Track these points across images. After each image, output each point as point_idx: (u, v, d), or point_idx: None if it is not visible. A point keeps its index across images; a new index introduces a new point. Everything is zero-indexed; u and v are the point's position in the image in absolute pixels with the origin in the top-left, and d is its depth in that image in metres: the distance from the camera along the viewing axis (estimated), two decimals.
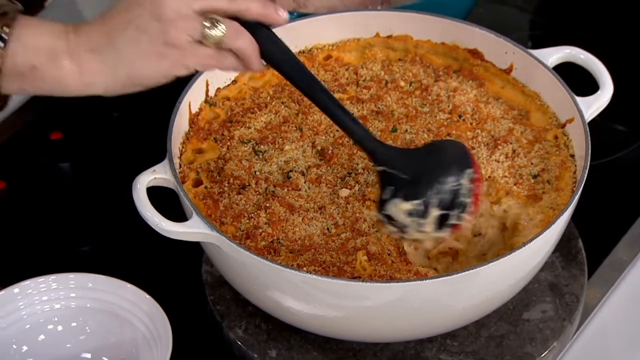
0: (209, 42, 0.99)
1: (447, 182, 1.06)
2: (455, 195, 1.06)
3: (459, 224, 1.07)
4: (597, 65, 1.18)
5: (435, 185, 1.06)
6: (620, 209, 1.26)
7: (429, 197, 1.06)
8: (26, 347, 1.11)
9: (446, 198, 1.06)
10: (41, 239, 1.24)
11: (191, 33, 0.98)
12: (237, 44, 1.00)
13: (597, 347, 1.16)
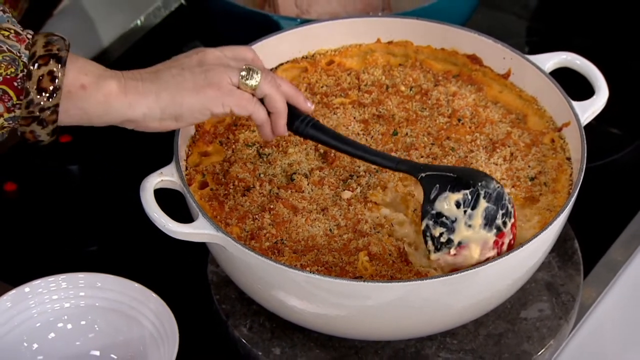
0: (246, 88, 1.04)
1: (492, 181, 1.06)
2: (499, 197, 1.06)
3: (504, 233, 1.06)
4: (593, 71, 1.18)
5: (483, 180, 1.06)
6: (615, 211, 1.26)
7: (478, 187, 1.05)
8: (36, 344, 1.11)
9: (492, 195, 1.06)
10: (51, 240, 1.24)
11: (230, 76, 1.04)
12: (271, 91, 1.05)
13: (593, 345, 1.16)
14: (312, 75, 1.22)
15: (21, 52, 0.98)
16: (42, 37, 0.99)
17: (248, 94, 1.04)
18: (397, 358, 1.11)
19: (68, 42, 1.00)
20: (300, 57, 1.24)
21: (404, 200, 1.12)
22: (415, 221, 1.10)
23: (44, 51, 0.98)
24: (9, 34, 0.98)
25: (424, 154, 1.14)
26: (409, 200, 1.12)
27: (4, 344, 1.09)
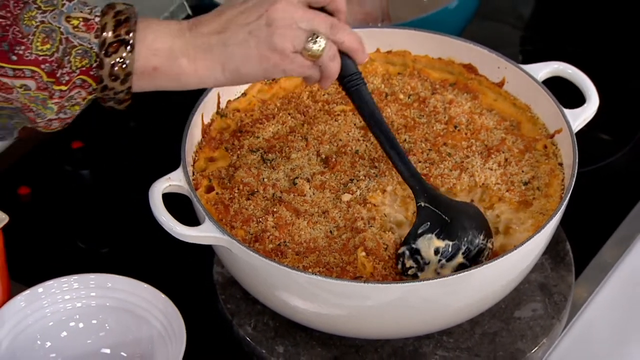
0: (307, 55, 1.02)
1: (478, 237, 1.07)
2: (478, 253, 1.07)
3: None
4: (584, 80, 1.18)
5: (470, 235, 1.07)
6: (606, 214, 1.26)
7: (462, 242, 1.07)
8: (49, 343, 1.11)
9: (472, 251, 1.07)
10: (63, 241, 1.24)
11: (294, 43, 1.02)
12: (329, 63, 1.04)
13: (584, 343, 1.15)
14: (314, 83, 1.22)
15: (92, 43, 0.99)
16: (110, 18, 1.00)
17: (308, 62, 1.03)
18: (396, 356, 1.11)
19: (136, 12, 1.01)
20: None
21: (403, 202, 1.12)
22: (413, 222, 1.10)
23: (113, 37, 1.00)
24: (78, 23, 1.00)
25: (421, 159, 1.14)
26: (409, 202, 1.12)
27: (19, 342, 1.09)
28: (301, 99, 1.21)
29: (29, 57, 0.99)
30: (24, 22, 0.99)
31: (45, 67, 0.99)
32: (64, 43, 0.99)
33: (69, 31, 0.99)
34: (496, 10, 1.47)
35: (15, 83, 1.00)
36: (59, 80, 1.00)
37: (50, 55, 0.99)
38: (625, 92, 1.39)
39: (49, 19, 0.99)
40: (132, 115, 1.35)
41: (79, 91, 1.01)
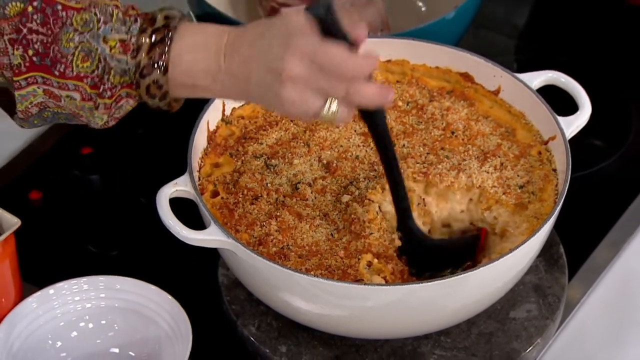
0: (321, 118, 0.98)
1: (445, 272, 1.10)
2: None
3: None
4: (577, 88, 1.18)
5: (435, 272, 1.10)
6: (598, 218, 1.26)
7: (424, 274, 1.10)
8: (60, 342, 1.11)
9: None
10: (73, 244, 1.24)
11: (306, 109, 0.96)
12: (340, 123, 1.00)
13: (576, 343, 1.15)
14: None
15: (129, 64, 0.99)
16: (147, 37, 0.99)
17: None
18: (395, 355, 1.11)
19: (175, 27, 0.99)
20: None
21: None
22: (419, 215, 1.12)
23: (147, 59, 0.99)
24: (115, 44, 0.99)
25: (419, 161, 1.15)
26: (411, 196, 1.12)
27: (31, 342, 1.10)
28: None
29: (71, 75, 0.99)
30: (63, 44, 0.99)
31: (87, 81, 0.99)
32: (103, 62, 0.99)
33: (106, 52, 0.99)
34: (492, 21, 1.47)
35: (62, 93, 1.01)
36: (102, 94, 1.00)
37: (91, 72, 0.99)
38: (616, 100, 1.39)
39: (87, 39, 0.99)
40: (140, 122, 1.35)
41: (126, 101, 1.02)
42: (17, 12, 1.00)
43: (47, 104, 1.02)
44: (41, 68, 1.00)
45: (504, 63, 1.22)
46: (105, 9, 1.00)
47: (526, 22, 1.51)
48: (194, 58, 0.99)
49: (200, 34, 1.00)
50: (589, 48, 1.45)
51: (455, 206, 1.13)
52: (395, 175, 1.07)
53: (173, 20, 1.00)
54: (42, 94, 1.01)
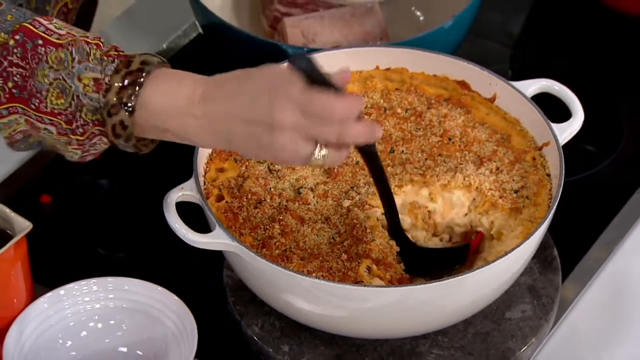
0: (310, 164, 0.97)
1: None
2: None
3: None
4: (570, 96, 1.18)
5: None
6: (591, 221, 1.26)
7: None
8: (70, 341, 1.11)
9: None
10: (83, 247, 1.24)
11: (297, 157, 0.96)
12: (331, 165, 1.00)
13: (570, 343, 1.16)
14: None
15: (100, 102, 0.98)
16: (119, 78, 0.98)
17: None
18: (394, 355, 1.11)
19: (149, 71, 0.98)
20: None
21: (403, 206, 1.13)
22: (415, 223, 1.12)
23: (115, 99, 0.98)
24: (89, 82, 0.99)
25: (417, 166, 1.15)
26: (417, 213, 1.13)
27: (42, 341, 1.10)
28: None
29: (45, 110, 0.99)
30: (38, 79, 0.99)
31: (62, 118, 0.99)
32: (76, 99, 0.99)
33: (79, 90, 0.99)
34: (488, 29, 1.47)
35: (40, 126, 1.01)
36: (75, 130, 1.00)
37: (64, 109, 0.99)
38: (608, 107, 1.39)
39: (62, 76, 0.99)
40: None
41: (100, 139, 1.01)
42: (1, 42, 1.00)
43: (30, 132, 1.03)
44: (20, 100, 1.00)
45: (500, 71, 1.22)
46: (82, 48, 0.99)
47: (521, 30, 1.51)
48: (164, 103, 0.98)
49: (174, 81, 0.99)
50: (581, 56, 1.45)
51: (459, 211, 1.13)
52: (390, 200, 1.08)
53: (148, 66, 0.99)
54: (24, 123, 1.02)
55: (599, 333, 1.16)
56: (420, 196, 1.14)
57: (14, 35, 1.00)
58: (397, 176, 1.14)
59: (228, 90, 0.97)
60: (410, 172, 1.14)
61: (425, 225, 1.14)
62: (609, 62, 1.45)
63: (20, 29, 1.00)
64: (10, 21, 1.01)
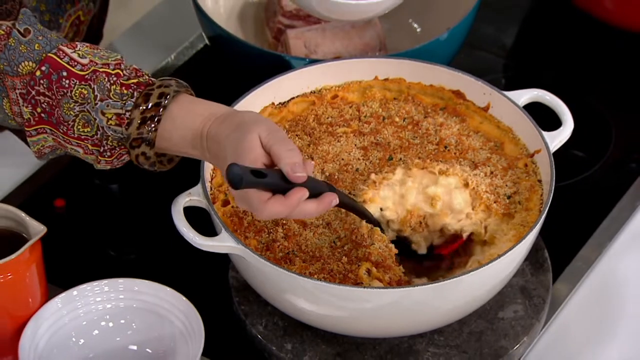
0: None
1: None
2: None
3: None
4: (560, 105, 1.18)
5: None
6: (580, 224, 1.26)
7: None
8: (83, 340, 1.11)
9: None
10: (95, 249, 1.24)
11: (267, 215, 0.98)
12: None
13: (560, 341, 1.16)
14: (319, 107, 1.23)
15: (124, 134, 1.02)
16: (138, 114, 1.02)
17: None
18: (392, 353, 1.12)
19: (165, 106, 1.01)
20: (309, 92, 1.24)
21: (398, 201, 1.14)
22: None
23: (136, 133, 1.02)
24: (111, 116, 1.02)
25: None
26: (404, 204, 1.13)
27: (56, 339, 1.10)
28: (307, 122, 1.21)
29: (73, 135, 1.02)
30: (64, 111, 1.02)
31: (89, 142, 1.02)
32: (101, 130, 1.02)
33: (103, 124, 1.02)
34: (482, 41, 1.47)
35: (68, 146, 1.04)
36: (103, 154, 1.04)
37: (91, 136, 1.02)
38: (597, 115, 1.39)
39: (87, 109, 1.02)
40: None
41: (126, 156, 1.05)
42: (28, 71, 1.02)
43: (57, 147, 1.06)
44: (48, 123, 1.03)
45: (493, 81, 1.22)
46: (103, 85, 1.02)
47: (514, 42, 1.51)
48: (182, 136, 1.02)
49: (190, 116, 1.02)
50: (571, 67, 1.46)
51: (455, 216, 1.13)
52: (369, 218, 1.10)
53: (166, 99, 1.02)
54: (52, 140, 1.05)
55: (588, 332, 1.17)
56: (420, 199, 1.13)
57: (40, 66, 1.02)
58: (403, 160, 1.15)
59: (223, 135, 1.00)
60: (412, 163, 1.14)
61: (413, 231, 1.14)
62: (598, 73, 1.45)
63: (46, 60, 1.02)
64: (37, 50, 1.03)
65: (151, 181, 1.31)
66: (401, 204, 1.13)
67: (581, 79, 1.43)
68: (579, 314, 1.18)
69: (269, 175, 0.95)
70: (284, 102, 1.22)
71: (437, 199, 1.12)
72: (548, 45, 1.49)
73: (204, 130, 1.02)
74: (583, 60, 1.46)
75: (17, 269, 1.06)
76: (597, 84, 1.43)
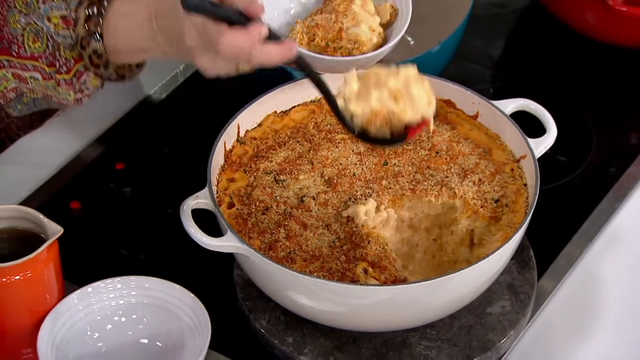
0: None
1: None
2: None
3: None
4: (544, 114, 1.18)
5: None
6: (563, 225, 1.26)
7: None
8: (97, 334, 1.11)
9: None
10: (108, 249, 1.24)
11: (218, 71, 0.94)
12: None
13: (544, 334, 1.16)
14: (319, 115, 1.23)
15: (72, 37, 0.95)
16: (82, 11, 0.94)
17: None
18: (387, 345, 1.11)
19: (105, 6, 0.94)
20: (309, 101, 1.24)
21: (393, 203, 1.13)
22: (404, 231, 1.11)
23: (84, 31, 0.94)
24: (58, 22, 0.95)
25: (408, 180, 1.15)
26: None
27: (72, 333, 1.10)
28: (307, 129, 1.21)
29: (25, 55, 0.95)
30: (11, 25, 0.95)
31: (43, 61, 0.95)
32: (51, 40, 0.95)
33: (51, 30, 0.95)
34: (471, 53, 1.47)
35: (26, 74, 0.97)
36: (59, 70, 0.96)
37: (43, 52, 0.95)
38: (578, 123, 1.39)
39: (34, 20, 0.95)
40: (166, 142, 1.36)
41: (87, 75, 0.97)
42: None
43: (21, 89, 0.98)
44: (2, 51, 0.96)
45: (482, 91, 1.22)
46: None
47: (501, 55, 1.51)
48: (129, 25, 0.95)
49: (132, 3, 0.96)
50: (555, 78, 1.46)
51: (417, 106, 1.07)
52: (330, 97, 1.04)
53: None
54: (12, 78, 0.98)
55: (570, 325, 1.16)
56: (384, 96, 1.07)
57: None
58: (391, 190, 1.14)
59: (168, 5, 0.95)
60: (402, 185, 1.14)
61: (378, 131, 1.07)
62: (579, 84, 1.45)
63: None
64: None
65: (161, 185, 1.31)
66: (365, 100, 1.07)
67: (564, 89, 1.43)
68: (562, 309, 1.18)
69: (224, 7, 0.90)
70: (285, 111, 1.22)
71: (399, 94, 1.06)
72: (533, 58, 1.49)
73: (151, 12, 0.96)
74: (566, 72, 1.46)
75: (35, 267, 1.06)
76: (579, 94, 1.43)
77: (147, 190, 1.31)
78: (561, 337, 1.15)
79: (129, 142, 1.35)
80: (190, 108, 1.40)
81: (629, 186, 1.30)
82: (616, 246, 1.24)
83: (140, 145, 1.35)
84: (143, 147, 1.35)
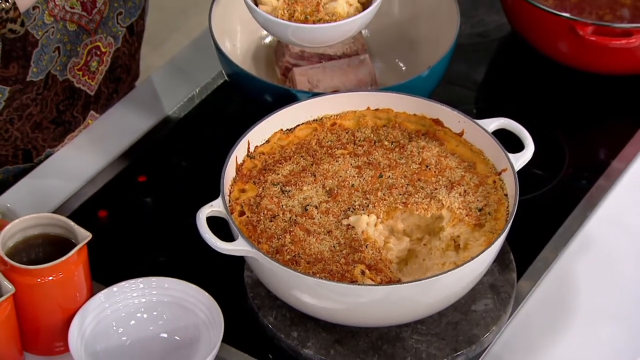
0: None
1: None
2: None
3: None
4: (523, 132, 1.17)
5: None
6: (540, 231, 1.25)
7: None
8: (122, 329, 1.11)
9: None
10: (132, 252, 1.24)
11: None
12: None
13: (523, 329, 1.15)
14: (321, 133, 1.23)
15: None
16: None
17: None
18: (382, 339, 1.11)
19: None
20: (312, 119, 1.23)
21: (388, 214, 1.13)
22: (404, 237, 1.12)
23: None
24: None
25: (401, 192, 1.14)
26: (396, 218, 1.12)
27: (99, 328, 1.10)
28: (311, 145, 1.21)
29: None
30: None
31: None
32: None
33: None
34: (457, 77, 1.46)
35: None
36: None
37: None
38: (553, 140, 1.39)
39: None
40: (184, 157, 1.36)
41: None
42: None
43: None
44: None
45: (466, 111, 1.22)
46: None
47: (483, 79, 1.51)
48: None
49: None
50: (532, 100, 1.45)
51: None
52: None
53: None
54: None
55: (547, 322, 1.16)
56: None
57: None
58: (386, 202, 1.13)
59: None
60: (395, 197, 1.13)
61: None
62: (554, 105, 1.45)
63: None
64: None
65: (179, 196, 1.31)
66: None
67: (540, 110, 1.43)
68: (539, 307, 1.17)
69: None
70: (290, 129, 1.22)
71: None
72: (512, 82, 1.49)
73: None
74: (541, 95, 1.46)
75: (67, 269, 1.06)
76: (554, 114, 1.43)
77: (167, 200, 1.31)
78: (538, 332, 1.15)
79: (150, 157, 1.35)
80: (205, 126, 1.40)
81: (599, 196, 1.30)
82: (587, 250, 1.24)
83: (160, 160, 1.35)
84: (163, 162, 1.35)
